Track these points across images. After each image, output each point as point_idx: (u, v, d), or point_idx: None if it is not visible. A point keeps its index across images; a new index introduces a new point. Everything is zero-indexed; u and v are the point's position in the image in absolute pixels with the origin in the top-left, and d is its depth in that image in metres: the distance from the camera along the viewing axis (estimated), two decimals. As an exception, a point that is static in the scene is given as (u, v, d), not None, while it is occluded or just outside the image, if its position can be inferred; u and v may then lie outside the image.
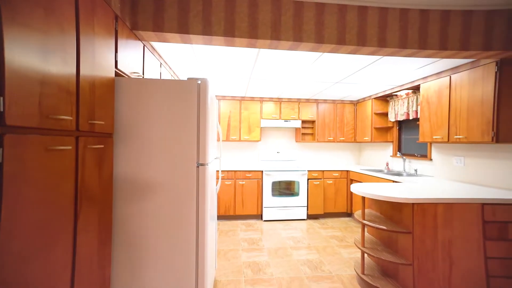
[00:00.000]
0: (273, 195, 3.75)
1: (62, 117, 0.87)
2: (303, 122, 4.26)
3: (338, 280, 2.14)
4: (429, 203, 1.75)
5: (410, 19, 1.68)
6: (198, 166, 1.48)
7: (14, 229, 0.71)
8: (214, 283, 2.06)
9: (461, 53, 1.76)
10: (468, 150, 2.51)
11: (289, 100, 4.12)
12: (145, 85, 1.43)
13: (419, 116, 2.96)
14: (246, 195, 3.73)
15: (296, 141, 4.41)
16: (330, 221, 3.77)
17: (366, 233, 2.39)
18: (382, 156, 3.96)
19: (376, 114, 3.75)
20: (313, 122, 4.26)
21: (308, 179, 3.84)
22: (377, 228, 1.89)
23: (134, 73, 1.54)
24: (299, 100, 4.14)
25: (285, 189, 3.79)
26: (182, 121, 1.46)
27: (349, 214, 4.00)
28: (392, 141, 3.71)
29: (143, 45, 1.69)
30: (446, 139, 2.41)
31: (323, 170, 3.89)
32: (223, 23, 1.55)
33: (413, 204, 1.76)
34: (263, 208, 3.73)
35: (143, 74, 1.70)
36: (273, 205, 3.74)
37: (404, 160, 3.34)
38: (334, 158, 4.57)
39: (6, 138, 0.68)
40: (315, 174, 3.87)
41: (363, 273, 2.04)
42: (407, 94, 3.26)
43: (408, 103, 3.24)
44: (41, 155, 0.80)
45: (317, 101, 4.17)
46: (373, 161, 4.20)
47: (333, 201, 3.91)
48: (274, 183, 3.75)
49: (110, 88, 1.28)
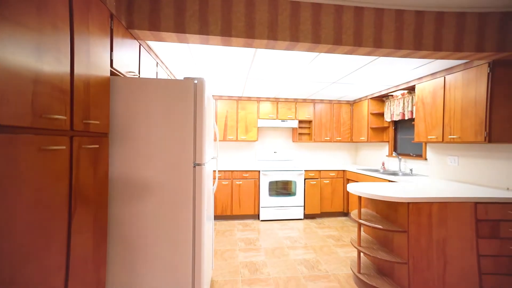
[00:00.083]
0: (270, 195, 3.75)
1: (56, 116, 0.86)
2: (300, 122, 4.27)
3: (334, 279, 2.16)
4: (424, 202, 1.78)
5: (405, 20, 1.70)
6: (194, 166, 1.47)
7: (5, 230, 0.69)
8: (211, 283, 2.06)
9: (455, 54, 1.78)
10: (462, 150, 2.55)
11: (286, 100, 4.13)
12: (141, 85, 1.42)
13: (414, 116, 3.00)
14: (243, 195, 3.73)
15: (293, 141, 4.42)
16: (326, 221, 3.79)
17: (362, 233, 2.41)
18: (378, 156, 4.00)
19: (372, 114, 3.78)
20: (310, 122, 4.27)
21: (305, 179, 3.86)
22: (373, 227, 1.91)
23: (130, 72, 1.52)
24: (296, 100, 4.15)
25: (282, 189, 3.80)
26: (179, 121, 1.45)
27: (346, 214, 4.02)
28: (388, 141, 3.75)
29: (139, 44, 1.68)
30: (440, 139, 2.44)
31: (320, 170, 3.91)
32: (220, 22, 1.54)
33: (408, 203, 1.78)
34: (260, 208, 3.73)
35: (139, 74, 1.69)
36: (270, 205, 3.75)
37: (400, 160, 3.37)
38: (331, 158, 4.60)
39: (-2, 138, 0.67)
40: (312, 174, 3.89)
41: (359, 272, 2.06)
42: (403, 95, 3.29)
43: (404, 104, 3.27)
44: (34, 155, 0.79)
45: (314, 101, 4.19)
46: (369, 161, 4.24)
47: (329, 201, 3.93)
48: (271, 183, 3.76)
49: (106, 87, 1.27)
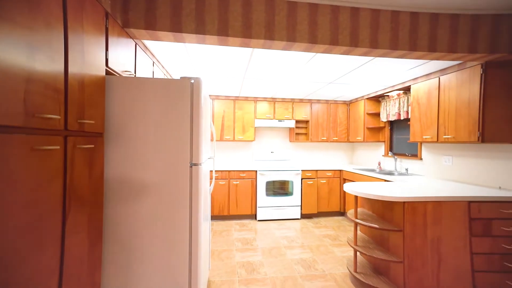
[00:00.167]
0: (267, 195, 3.75)
1: (50, 116, 0.85)
2: (297, 122, 4.28)
3: (331, 278, 2.17)
4: (419, 201, 1.80)
5: (401, 21, 1.71)
6: (191, 166, 1.47)
7: (-2, 232, 0.68)
8: (207, 283, 2.05)
9: (449, 55, 1.81)
10: (456, 149, 2.59)
11: (283, 100, 4.14)
12: (137, 84, 1.41)
13: (410, 116, 3.03)
14: (240, 195, 3.72)
15: (290, 141, 4.43)
16: (323, 220, 3.81)
17: (358, 232, 2.43)
18: (374, 155, 4.03)
19: (369, 114, 3.81)
20: (306, 122, 4.29)
21: (301, 179, 3.87)
22: (369, 227, 1.92)
23: (125, 71, 1.51)
24: (293, 100, 4.16)
25: (279, 188, 3.81)
26: (175, 121, 1.44)
27: (342, 213, 4.05)
28: (384, 141, 3.78)
29: (135, 44, 1.66)
30: (435, 139, 2.47)
31: (317, 170, 3.92)
32: (216, 22, 1.54)
33: (404, 202, 1.79)
34: (257, 208, 3.73)
35: (135, 73, 1.67)
36: (267, 205, 3.75)
37: (396, 160, 3.40)
38: (328, 158, 4.62)
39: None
40: (308, 174, 3.90)
41: (355, 271, 2.07)
42: (398, 95, 3.32)
43: (399, 104, 3.30)
44: (27, 155, 0.78)
45: (310, 101, 4.21)
46: (366, 160, 4.27)
47: (326, 201, 3.94)
48: (268, 183, 3.76)
49: (101, 86, 1.25)
